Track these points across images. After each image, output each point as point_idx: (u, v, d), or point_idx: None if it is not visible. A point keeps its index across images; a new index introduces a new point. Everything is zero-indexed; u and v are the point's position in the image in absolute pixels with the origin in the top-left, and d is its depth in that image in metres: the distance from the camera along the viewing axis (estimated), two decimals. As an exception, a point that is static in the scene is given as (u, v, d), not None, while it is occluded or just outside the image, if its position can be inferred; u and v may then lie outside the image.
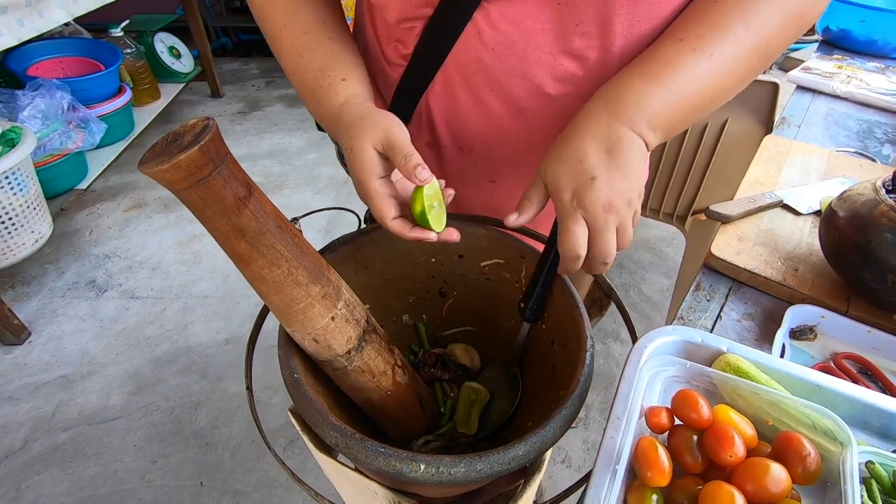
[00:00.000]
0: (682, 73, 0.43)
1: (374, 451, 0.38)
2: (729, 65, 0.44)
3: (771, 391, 0.36)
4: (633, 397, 0.38)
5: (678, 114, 0.44)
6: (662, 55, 0.44)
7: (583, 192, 0.41)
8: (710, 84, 0.44)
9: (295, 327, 0.43)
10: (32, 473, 1.30)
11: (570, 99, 0.52)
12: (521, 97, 0.53)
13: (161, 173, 0.32)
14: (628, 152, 0.42)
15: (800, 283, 0.65)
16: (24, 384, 1.49)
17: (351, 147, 0.46)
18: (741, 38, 0.43)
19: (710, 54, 0.43)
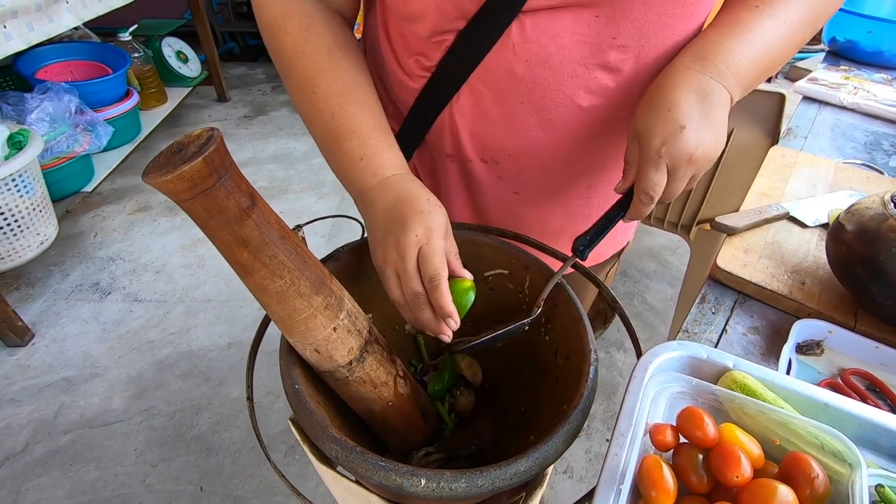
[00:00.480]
0: (762, 36, 0.46)
1: (374, 464, 0.38)
2: (796, 30, 0.48)
3: (779, 411, 0.36)
4: (637, 414, 0.37)
5: (758, 73, 0.47)
6: (743, 19, 0.46)
7: (671, 141, 0.43)
8: (782, 48, 0.48)
9: (297, 338, 0.43)
10: (33, 476, 1.29)
11: (601, 111, 0.53)
12: (552, 109, 0.52)
13: (165, 184, 0.31)
14: (717, 106, 0.45)
15: (806, 297, 0.65)
16: (27, 386, 1.50)
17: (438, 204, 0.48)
18: (804, 4, 0.48)
19: (783, 20, 0.47)
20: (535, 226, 0.66)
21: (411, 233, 0.45)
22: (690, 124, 0.43)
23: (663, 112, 0.44)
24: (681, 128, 0.43)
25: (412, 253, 0.45)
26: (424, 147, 0.63)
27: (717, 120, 0.45)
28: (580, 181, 0.61)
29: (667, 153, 0.44)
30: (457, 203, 0.66)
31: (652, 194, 0.46)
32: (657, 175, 0.45)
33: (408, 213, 0.46)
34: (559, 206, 0.64)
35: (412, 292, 0.45)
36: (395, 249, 0.45)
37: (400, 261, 0.45)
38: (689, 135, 0.43)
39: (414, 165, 0.67)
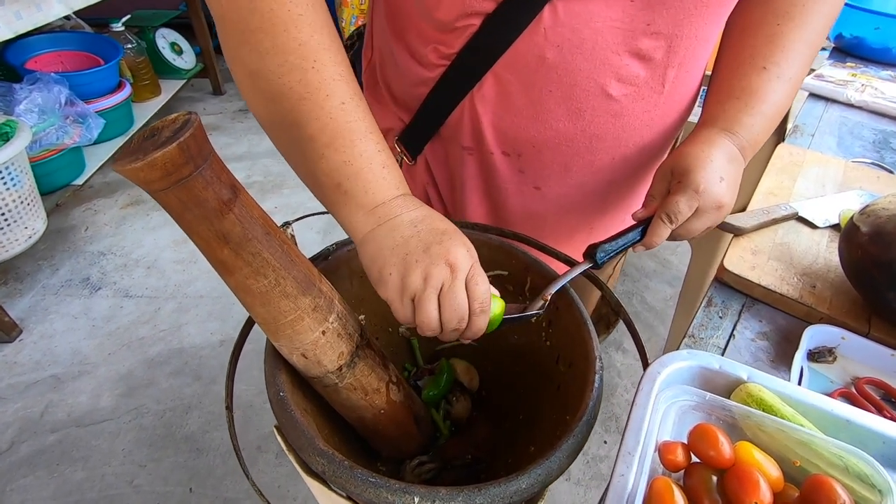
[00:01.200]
0: (772, 101, 0.52)
1: (363, 480, 0.35)
2: (798, 82, 0.53)
3: (800, 430, 0.33)
4: (646, 431, 0.34)
5: (767, 133, 0.54)
6: (755, 87, 0.51)
7: (711, 186, 0.48)
8: (786, 103, 0.53)
9: (282, 342, 0.40)
10: (18, 476, 1.26)
11: (629, 100, 0.52)
12: (581, 98, 0.51)
13: (135, 172, 0.28)
14: (739, 171, 0.52)
15: (817, 301, 0.62)
16: (14, 383, 1.46)
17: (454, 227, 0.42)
18: (804, 56, 0.52)
19: (788, 78, 0.52)
20: (550, 224, 0.63)
21: (462, 248, 0.39)
22: (727, 179, 0.49)
23: (706, 161, 0.49)
24: (720, 178, 0.49)
25: (465, 270, 0.39)
26: (439, 139, 0.60)
27: (737, 181, 0.51)
28: (601, 177, 0.59)
29: (704, 193, 0.48)
30: (472, 200, 0.63)
31: (674, 218, 0.49)
32: (686, 204, 0.48)
33: (446, 229, 0.40)
34: (578, 204, 0.61)
35: (459, 318, 0.39)
36: (447, 264, 0.38)
37: (450, 278, 0.38)
38: (725, 187, 0.49)
39: (425, 159, 0.64)
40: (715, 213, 0.50)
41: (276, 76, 0.40)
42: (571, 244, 0.65)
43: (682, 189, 0.49)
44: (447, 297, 0.38)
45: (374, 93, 0.65)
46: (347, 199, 0.42)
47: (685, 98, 0.56)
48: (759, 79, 0.51)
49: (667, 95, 0.52)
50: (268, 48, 0.40)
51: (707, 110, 0.54)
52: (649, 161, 0.61)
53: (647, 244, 0.51)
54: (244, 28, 0.40)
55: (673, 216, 0.49)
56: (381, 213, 0.41)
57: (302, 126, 0.41)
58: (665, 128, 0.56)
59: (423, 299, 0.39)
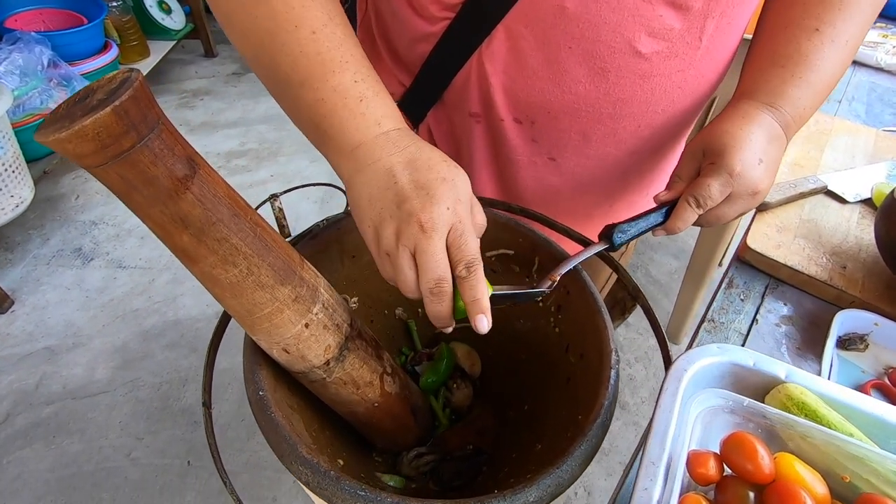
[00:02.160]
0: (824, 69, 0.45)
1: (351, 493, 0.31)
2: (857, 45, 0.47)
3: (855, 443, 0.29)
4: (672, 439, 0.30)
5: (816, 107, 0.48)
6: (804, 52, 0.45)
7: (748, 170, 0.43)
8: (842, 69, 0.47)
9: (260, 335, 0.35)
10: (14, 448, 1.25)
11: (660, 58, 0.45)
12: (605, 56, 0.44)
13: (60, 143, 0.23)
14: (780, 152, 0.46)
15: (848, 284, 0.57)
16: (7, 355, 1.44)
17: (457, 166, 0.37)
18: (865, 14, 0.46)
19: (844, 41, 0.45)
20: (565, 200, 0.57)
21: (441, 205, 0.34)
22: (767, 161, 0.44)
23: (744, 141, 0.43)
24: (759, 161, 0.43)
25: (442, 230, 0.34)
26: (441, 106, 0.54)
27: (777, 164, 0.46)
28: (624, 147, 0.53)
29: (739, 177, 0.43)
30: (480, 172, 0.57)
31: (703, 202, 0.44)
32: (718, 189, 0.43)
33: (430, 179, 0.35)
34: (597, 178, 0.55)
35: (437, 278, 0.34)
36: (418, 224, 0.34)
37: (423, 238, 0.34)
38: (764, 170, 0.44)
39: (427, 128, 0.58)
40: (749, 200, 0.45)
41: (244, 12, 0.37)
42: (588, 223, 0.59)
43: (716, 171, 0.43)
44: (420, 258, 0.34)
45: (371, 52, 0.58)
46: (327, 140, 0.38)
47: (724, 56, 0.49)
48: (810, 43, 0.45)
49: (704, 52, 0.46)
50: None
51: (746, 79, 0.48)
52: (678, 130, 0.54)
53: (669, 229, 0.46)
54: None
55: (702, 200, 0.43)
56: (361, 156, 0.37)
57: (276, 66, 0.37)
58: (699, 91, 0.50)
59: (396, 257, 0.35)
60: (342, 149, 0.37)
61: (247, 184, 2.05)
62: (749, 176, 0.43)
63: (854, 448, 0.29)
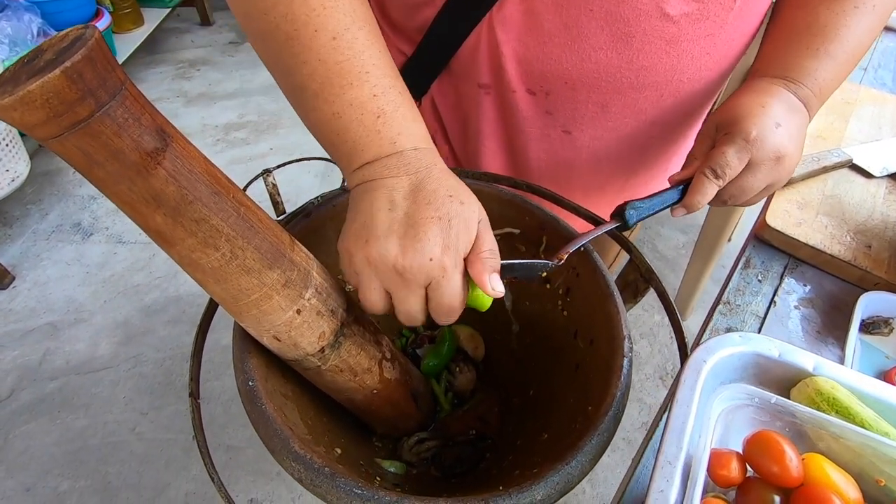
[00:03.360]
0: (847, 39, 0.42)
1: (347, 492, 0.30)
2: (888, 8, 0.43)
3: (892, 445, 0.26)
4: (690, 437, 0.28)
5: (840, 80, 0.44)
6: (823, 22, 0.42)
7: (766, 134, 0.40)
8: (870, 37, 0.44)
9: (248, 323, 0.33)
10: (20, 423, 1.26)
11: (689, 21, 0.41)
12: (630, 19, 0.40)
13: (4, 111, 0.20)
14: (801, 123, 0.42)
15: (873, 265, 0.54)
16: (10, 331, 1.44)
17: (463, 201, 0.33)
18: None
19: (871, 6, 0.42)
20: (579, 176, 0.54)
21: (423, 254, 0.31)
22: (787, 126, 0.41)
23: (758, 108, 0.41)
24: (776, 124, 0.40)
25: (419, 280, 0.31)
26: (449, 75, 0.50)
27: (800, 134, 0.42)
28: (644, 119, 0.49)
29: (757, 141, 0.40)
30: (488, 147, 0.54)
31: (720, 172, 0.40)
32: (735, 156, 0.40)
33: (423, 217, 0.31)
34: (613, 152, 0.52)
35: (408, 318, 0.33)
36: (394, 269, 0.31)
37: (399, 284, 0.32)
38: (783, 133, 0.40)
39: (431, 101, 0.54)
40: (774, 167, 0.41)
41: (261, 12, 0.34)
42: (600, 200, 0.56)
43: (730, 139, 0.40)
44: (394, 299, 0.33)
45: None
46: (340, 154, 0.35)
47: (755, 19, 0.45)
48: (830, 12, 0.42)
49: (736, 13, 0.42)
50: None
51: (762, 54, 0.44)
52: (703, 101, 0.51)
53: (688, 205, 0.42)
54: None
55: (720, 170, 0.40)
56: (369, 173, 0.34)
57: (293, 72, 0.34)
58: (727, 57, 0.46)
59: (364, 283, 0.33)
60: (353, 164, 0.35)
61: (246, 157, 2.01)
62: (768, 139, 0.40)
63: (890, 450, 0.27)
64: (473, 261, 0.33)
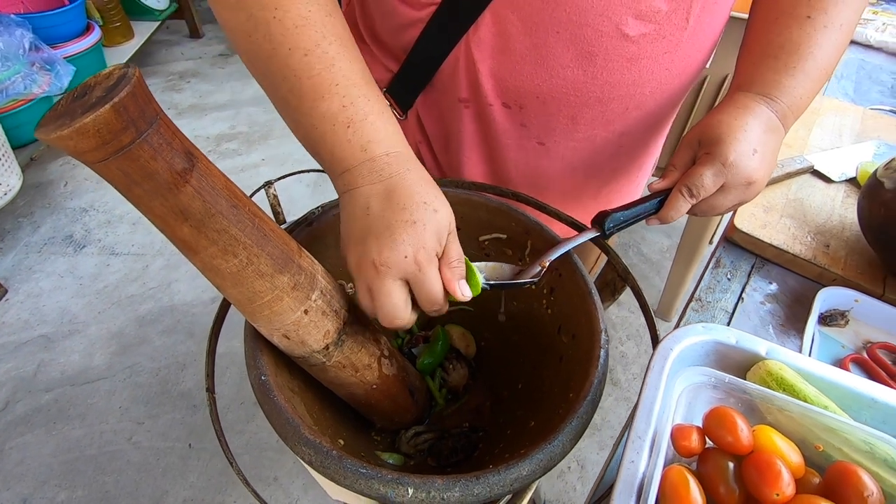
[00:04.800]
0: (819, 56, 0.45)
1: (353, 471, 0.33)
2: (852, 27, 0.47)
3: (828, 416, 0.31)
4: (658, 414, 0.32)
5: (813, 95, 0.47)
6: (797, 41, 0.45)
7: (742, 160, 0.43)
8: (838, 53, 0.47)
9: (260, 322, 0.36)
10: (16, 434, 1.27)
11: (647, 41, 0.45)
12: (592, 40, 0.44)
13: (62, 140, 0.24)
14: (777, 143, 0.46)
15: (831, 262, 0.59)
16: (3, 343, 1.44)
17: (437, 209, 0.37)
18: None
19: (838, 25, 0.45)
20: (555, 184, 0.58)
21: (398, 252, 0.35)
22: (762, 152, 0.44)
23: (739, 130, 0.43)
24: (754, 150, 0.43)
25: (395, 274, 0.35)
26: (431, 91, 0.54)
27: (773, 156, 0.45)
28: (612, 130, 0.53)
29: (733, 167, 0.43)
30: (469, 157, 0.58)
31: (696, 192, 0.44)
32: (711, 179, 0.43)
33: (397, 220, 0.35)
34: (586, 161, 0.56)
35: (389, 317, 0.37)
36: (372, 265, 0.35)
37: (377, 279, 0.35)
38: (759, 160, 0.44)
39: (416, 113, 0.58)
40: (744, 191, 0.45)
41: (245, 34, 0.37)
42: (578, 204, 0.60)
43: (710, 161, 0.43)
44: (374, 296, 0.36)
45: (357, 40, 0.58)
46: (322, 162, 0.39)
47: (710, 37, 0.50)
48: (802, 31, 0.45)
49: (690, 33, 0.46)
50: (232, 3, 0.36)
51: (741, 71, 0.48)
52: (666, 111, 0.55)
53: (662, 218, 0.46)
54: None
55: (695, 190, 0.44)
56: (348, 181, 0.38)
57: (277, 88, 0.38)
58: (686, 72, 0.50)
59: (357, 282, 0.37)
60: (333, 172, 0.39)
61: (238, 168, 2.04)
62: (743, 166, 0.43)
63: (827, 420, 0.31)
64: (443, 269, 0.37)
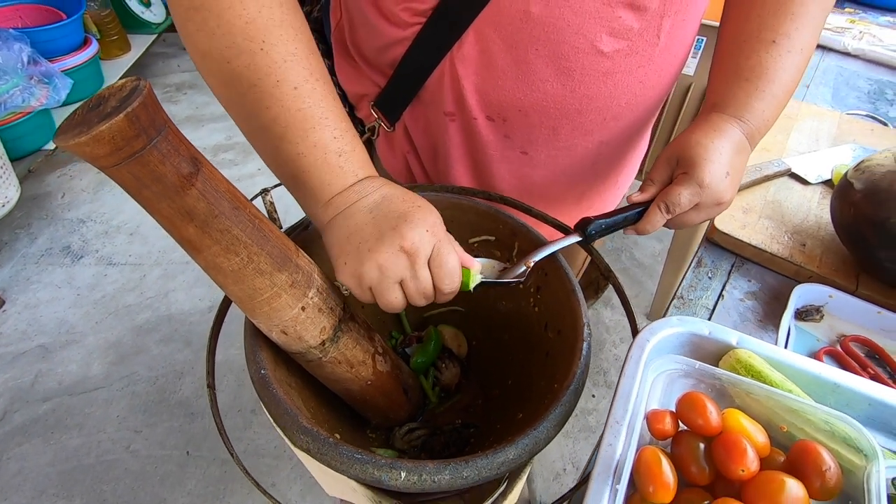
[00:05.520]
0: (783, 79, 0.49)
1: (349, 457, 0.35)
2: (811, 49, 0.50)
3: (788, 396, 0.33)
4: (634, 400, 0.34)
5: (778, 114, 0.51)
6: (765, 65, 0.48)
7: (716, 182, 0.46)
8: (799, 75, 0.50)
9: (260, 319, 0.38)
10: (14, 445, 1.27)
11: (621, 56, 0.48)
12: (570, 56, 0.47)
13: (80, 147, 0.26)
14: (744, 162, 0.50)
15: (807, 260, 0.62)
16: (1, 354, 1.45)
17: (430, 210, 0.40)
18: (817, 20, 0.49)
19: (800, 49, 0.49)
20: (539, 190, 0.61)
21: (420, 228, 0.38)
22: (732, 174, 0.48)
23: (716, 154, 0.47)
24: (726, 174, 0.47)
25: (425, 253, 0.38)
26: (418, 104, 0.56)
27: (741, 175, 0.50)
28: (591, 139, 0.56)
29: (708, 188, 0.46)
30: (457, 167, 0.60)
31: (672, 208, 0.47)
32: (687, 198, 0.47)
33: (406, 208, 0.39)
34: (567, 168, 0.59)
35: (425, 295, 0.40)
36: (404, 252, 0.38)
37: (409, 269, 0.38)
38: (729, 182, 0.47)
39: (404, 127, 0.60)
40: (713, 209, 0.49)
41: (224, 60, 0.37)
42: (561, 208, 0.63)
43: (687, 181, 0.47)
44: (409, 284, 0.39)
45: (346, 56, 0.60)
46: (305, 191, 0.41)
47: (681, 51, 0.53)
48: (769, 56, 0.48)
49: (662, 49, 0.49)
50: (213, 28, 0.37)
51: (714, 91, 0.51)
52: (642, 122, 0.58)
53: (639, 230, 0.50)
54: (188, 4, 0.36)
55: (672, 207, 0.47)
56: (339, 203, 0.40)
57: (255, 115, 0.39)
58: (659, 84, 0.53)
59: (381, 289, 0.39)
60: (321, 199, 0.41)
61: (234, 178, 2.06)
62: (716, 188, 0.47)
63: (790, 401, 0.33)
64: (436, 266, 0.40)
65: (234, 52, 0.37)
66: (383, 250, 0.37)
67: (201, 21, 0.37)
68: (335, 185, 0.40)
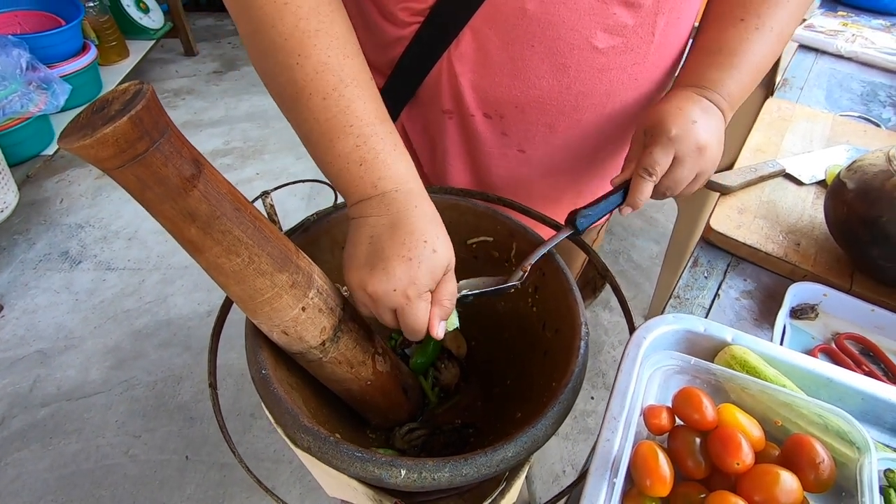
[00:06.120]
0: (750, 55, 0.49)
1: (350, 455, 0.35)
2: (785, 31, 0.51)
3: (783, 391, 0.33)
4: (631, 396, 0.34)
5: (746, 90, 0.51)
6: (727, 39, 0.50)
7: (685, 132, 0.47)
8: (771, 55, 0.51)
9: (261, 319, 0.39)
10: (12, 450, 1.27)
11: (616, 52, 0.49)
12: (565, 52, 0.48)
13: (84, 149, 0.26)
14: (716, 119, 0.49)
15: (802, 259, 0.62)
16: None
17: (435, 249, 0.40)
18: (791, 3, 0.49)
19: (770, 28, 0.49)
20: (537, 189, 0.61)
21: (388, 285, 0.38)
22: (700, 121, 0.48)
23: (675, 110, 0.47)
24: (693, 122, 0.47)
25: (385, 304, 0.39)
26: (416, 104, 0.57)
27: (717, 129, 0.49)
28: (588, 136, 0.57)
29: (678, 139, 0.47)
30: (454, 166, 0.61)
31: (651, 170, 0.47)
32: (662, 153, 0.47)
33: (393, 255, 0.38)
34: (564, 166, 0.60)
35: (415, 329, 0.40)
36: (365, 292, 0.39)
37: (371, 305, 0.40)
38: (700, 127, 0.47)
39: (402, 125, 0.61)
40: (698, 158, 0.48)
41: (272, 78, 0.41)
42: (558, 207, 0.63)
43: (655, 139, 0.48)
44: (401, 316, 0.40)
45: None
46: (340, 192, 0.44)
47: (675, 48, 0.54)
48: (734, 31, 0.49)
49: (656, 45, 0.50)
50: (264, 50, 0.40)
51: (682, 70, 0.53)
52: (637, 117, 0.59)
53: (631, 204, 0.50)
54: (245, 31, 0.41)
55: (650, 168, 0.48)
56: (357, 211, 0.42)
57: (298, 126, 0.42)
58: (654, 80, 0.54)
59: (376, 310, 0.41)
60: (348, 201, 0.43)
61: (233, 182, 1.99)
62: (686, 135, 0.47)
63: (784, 396, 0.33)
64: (433, 305, 0.40)
65: (278, 70, 0.40)
66: (358, 277, 0.39)
67: (256, 44, 0.40)
68: (354, 194, 0.41)
